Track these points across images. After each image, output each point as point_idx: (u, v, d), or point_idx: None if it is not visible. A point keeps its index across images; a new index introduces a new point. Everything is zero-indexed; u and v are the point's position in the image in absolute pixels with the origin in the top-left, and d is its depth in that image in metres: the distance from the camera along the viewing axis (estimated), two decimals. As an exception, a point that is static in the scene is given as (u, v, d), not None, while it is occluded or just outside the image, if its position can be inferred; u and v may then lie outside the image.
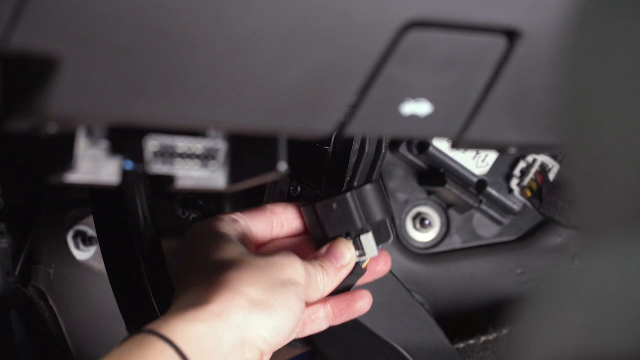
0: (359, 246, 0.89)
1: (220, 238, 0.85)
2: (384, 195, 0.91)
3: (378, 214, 0.89)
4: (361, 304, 0.91)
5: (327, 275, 0.86)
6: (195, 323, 0.76)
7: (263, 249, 0.89)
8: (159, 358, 0.74)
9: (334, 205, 0.89)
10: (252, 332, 0.78)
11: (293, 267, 0.83)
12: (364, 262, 0.90)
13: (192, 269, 0.83)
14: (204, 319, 0.76)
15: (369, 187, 0.89)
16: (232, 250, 0.83)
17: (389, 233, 0.90)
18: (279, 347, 0.81)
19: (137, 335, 0.75)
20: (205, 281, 0.80)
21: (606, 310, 0.39)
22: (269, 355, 0.81)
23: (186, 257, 0.85)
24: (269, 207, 0.90)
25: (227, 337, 0.77)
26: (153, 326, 0.76)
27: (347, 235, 0.89)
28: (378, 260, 0.91)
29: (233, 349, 0.77)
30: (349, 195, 0.89)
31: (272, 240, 0.90)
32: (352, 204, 0.89)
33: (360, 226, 0.89)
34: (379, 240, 0.90)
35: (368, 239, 0.89)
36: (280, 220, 0.90)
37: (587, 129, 0.42)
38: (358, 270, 0.90)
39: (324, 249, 0.88)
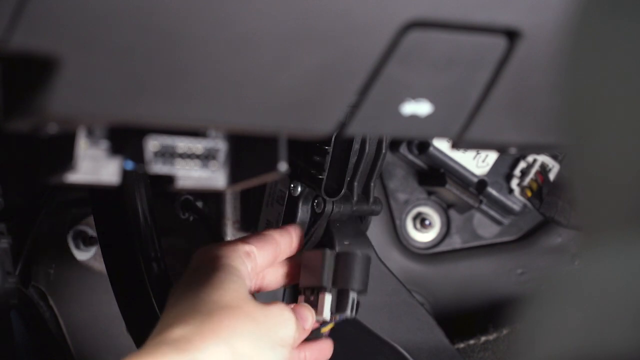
0: (315, 303, 0.88)
1: (226, 273, 0.82)
2: (368, 269, 0.88)
3: (348, 284, 0.87)
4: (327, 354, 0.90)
5: (300, 339, 0.85)
6: None
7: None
8: None
9: (312, 255, 0.89)
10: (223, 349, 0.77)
11: (286, 328, 0.82)
12: (325, 326, 0.89)
13: (187, 301, 0.80)
14: None
15: (355, 256, 0.88)
16: (234, 292, 0.81)
17: (346, 307, 0.88)
18: None
19: None
20: (197, 321, 0.78)
21: (606, 310, 0.39)
22: None
23: (185, 284, 0.83)
24: (276, 237, 0.88)
25: None
26: None
27: (312, 290, 0.88)
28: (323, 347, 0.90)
29: None
30: (328, 251, 0.87)
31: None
32: (327, 261, 0.88)
33: (324, 285, 0.88)
34: (337, 308, 0.88)
35: (326, 300, 0.88)
36: (281, 249, 0.89)
37: (587, 129, 0.42)
38: (316, 333, 0.88)
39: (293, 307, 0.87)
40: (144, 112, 0.62)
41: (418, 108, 0.67)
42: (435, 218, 1.18)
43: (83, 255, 1.14)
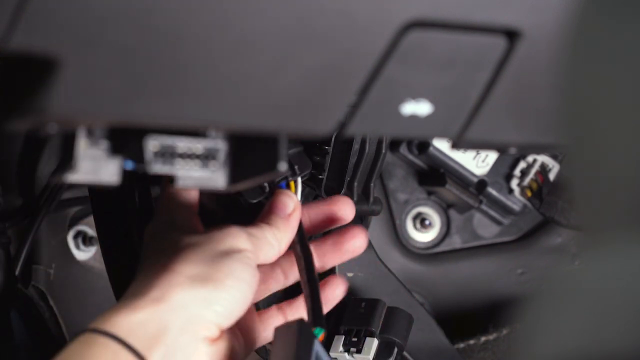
0: (359, 344, 0.89)
1: (172, 225, 0.82)
2: (408, 330, 0.92)
3: (396, 336, 0.91)
4: (354, 243, 0.88)
5: (278, 229, 0.82)
6: (135, 312, 0.74)
7: None
8: (105, 353, 0.72)
9: (363, 304, 0.92)
10: (200, 308, 0.75)
11: (232, 236, 0.79)
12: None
13: (144, 261, 0.80)
14: (144, 306, 0.74)
15: (407, 314, 0.92)
16: (181, 234, 0.80)
17: (389, 357, 0.90)
18: (238, 317, 0.78)
19: (79, 336, 0.73)
20: (148, 269, 0.78)
21: (606, 310, 0.39)
22: (229, 324, 0.78)
23: (143, 253, 0.82)
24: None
25: (171, 319, 0.74)
26: (93, 324, 0.74)
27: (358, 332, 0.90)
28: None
29: (182, 330, 0.74)
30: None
31: None
32: (379, 310, 0.91)
33: (374, 329, 0.90)
34: (380, 357, 0.90)
35: (371, 344, 0.89)
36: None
37: (587, 129, 0.42)
38: None
39: (265, 207, 0.84)
40: (144, 112, 0.62)
41: (418, 108, 0.67)
42: (435, 218, 1.18)
43: (83, 255, 1.14)
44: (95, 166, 0.69)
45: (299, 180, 0.87)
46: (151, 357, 0.73)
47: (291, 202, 0.83)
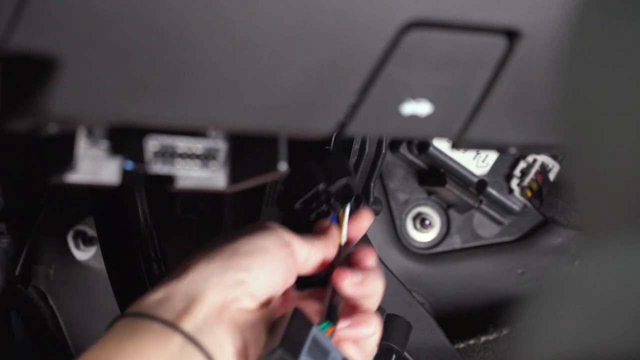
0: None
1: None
2: (407, 337, 0.92)
3: (395, 342, 0.91)
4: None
5: (318, 251, 0.81)
6: (158, 291, 0.75)
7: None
8: (136, 331, 0.73)
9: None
10: (221, 276, 0.75)
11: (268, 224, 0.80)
12: None
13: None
14: (167, 284, 0.75)
15: (406, 322, 0.91)
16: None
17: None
18: (269, 289, 0.77)
19: (111, 324, 0.74)
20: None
21: (606, 310, 0.39)
22: (258, 294, 0.76)
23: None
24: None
25: (196, 289, 0.74)
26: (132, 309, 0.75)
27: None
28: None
29: (209, 299, 0.74)
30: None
31: None
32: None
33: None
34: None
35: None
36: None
37: (587, 129, 0.42)
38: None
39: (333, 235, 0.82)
40: (144, 112, 0.62)
41: (418, 108, 0.67)
42: (435, 218, 1.18)
43: (83, 255, 1.14)
44: (95, 166, 0.69)
45: (347, 210, 0.86)
46: (184, 326, 0.73)
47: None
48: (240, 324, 0.75)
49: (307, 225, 0.85)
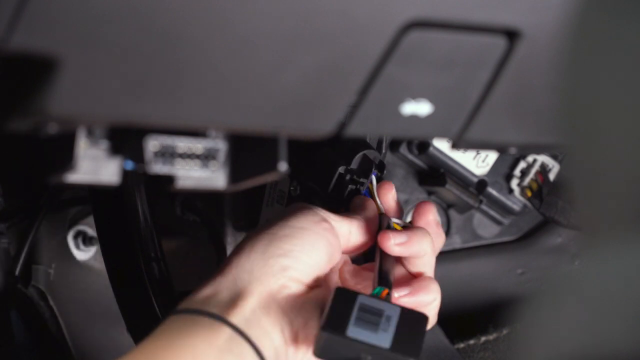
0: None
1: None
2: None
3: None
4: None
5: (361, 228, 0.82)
6: (206, 288, 0.76)
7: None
8: (185, 326, 0.74)
9: None
10: (264, 265, 0.76)
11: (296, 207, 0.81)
12: None
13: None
14: (213, 280, 0.77)
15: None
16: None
17: None
18: (314, 269, 0.77)
19: (173, 316, 0.75)
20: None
21: (606, 310, 0.39)
22: (303, 276, 0.77)
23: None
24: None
25: (241, 282, 0.76)
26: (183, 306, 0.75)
27: None
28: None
29: (255, 290, 0.75)
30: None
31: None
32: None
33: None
34: None
35: None
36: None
37: (587, 129, 0.42)
38: None
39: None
40: (144, 112, 0.62)
41: (418, 108, 0.67)
42: (435, 218, 1.18)
43: (83, 255, 1.14)
44: (95, 166, 0.69)
45: (374, 180, 0.87)
46: (231, 319, 0.74)
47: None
48: (288, 311, 0.76)
49: (346, 210, 0.86)
